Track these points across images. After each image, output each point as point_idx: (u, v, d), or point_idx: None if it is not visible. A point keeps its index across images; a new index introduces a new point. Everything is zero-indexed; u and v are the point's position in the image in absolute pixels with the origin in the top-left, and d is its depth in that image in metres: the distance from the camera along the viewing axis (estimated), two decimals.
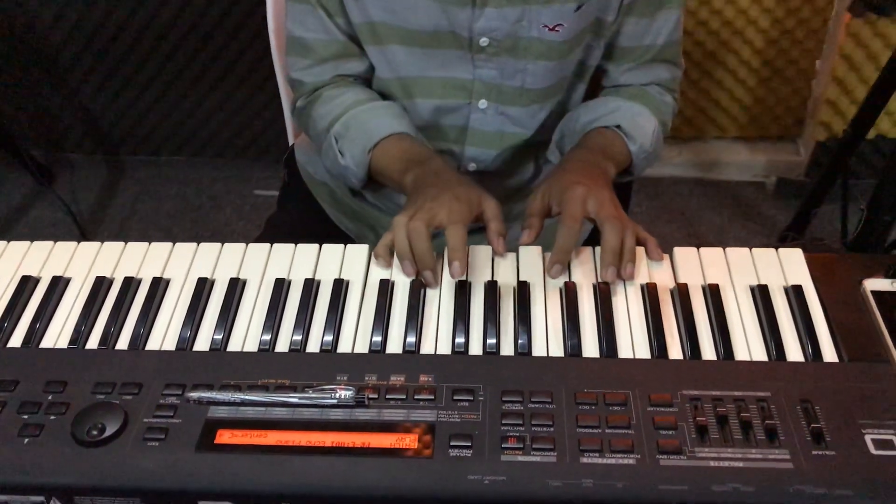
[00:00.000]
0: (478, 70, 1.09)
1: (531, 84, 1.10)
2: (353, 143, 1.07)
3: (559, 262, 0.90)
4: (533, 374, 0.78)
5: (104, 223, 2.41)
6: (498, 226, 0.94)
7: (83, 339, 0.86)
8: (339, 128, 1.08)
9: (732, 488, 0.68)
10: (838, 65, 2.17)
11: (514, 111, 1.13)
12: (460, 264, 0.89)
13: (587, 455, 0.71)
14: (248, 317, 0.88)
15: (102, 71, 2.37)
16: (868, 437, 0.72)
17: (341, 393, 0.76)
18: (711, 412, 0.74)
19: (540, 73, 1.09)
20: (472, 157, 1.17)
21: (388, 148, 1.05)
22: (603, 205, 0.92)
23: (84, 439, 0.74)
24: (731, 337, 0.83)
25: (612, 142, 1.09)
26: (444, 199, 0.92)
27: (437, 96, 1.12)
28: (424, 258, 0.89)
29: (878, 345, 0.81)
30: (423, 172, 0.99)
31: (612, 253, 0.89)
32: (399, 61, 1.10)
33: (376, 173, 1.08)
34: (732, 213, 2.37)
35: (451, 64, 1.09)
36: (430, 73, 1.10)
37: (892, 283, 0.86)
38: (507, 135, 1.16)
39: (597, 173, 1.00)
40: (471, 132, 1.15)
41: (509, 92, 1.11)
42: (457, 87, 1.11)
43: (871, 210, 1.65)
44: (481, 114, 1.13)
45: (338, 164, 1.09)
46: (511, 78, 1.09)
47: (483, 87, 1.11)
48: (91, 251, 0.96)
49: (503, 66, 1.08)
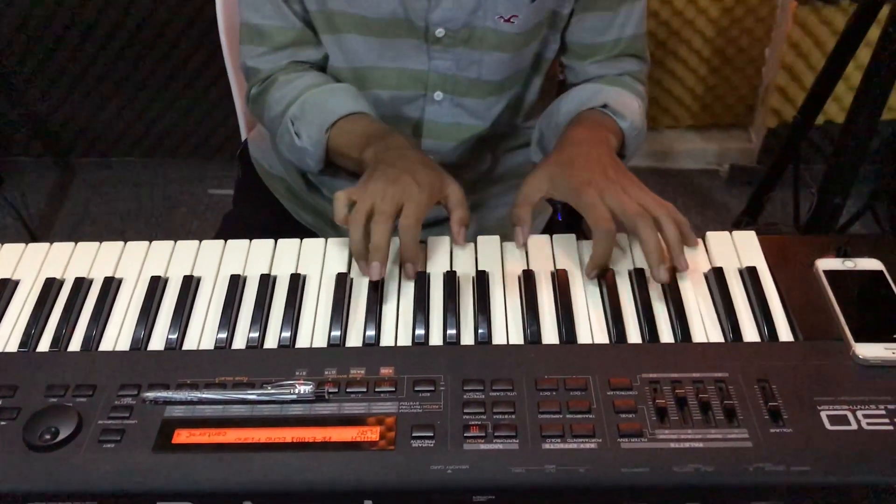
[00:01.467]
0: (433, 62, 1.08)
1: (487, 76, 1.10)
2: (310, 123, 1.05)
3: (598, 268, 0.87)
4: (494, 363, 0.78)
5: (55, 227, 2.37)
6: (462, 213, 0.91)
7: (34, 341, 0.84)
8: (296, 110, 1.07)
9: (693, 468, 0.69)
10: (786, 52, 2.20)
11: (470, 103, 1.13)
12: (413, 266, 0.88)
13: (549, 441, 0.71)
14: (204, 315, 0.86)
15: (49, 72, 2.32)
16: (823, 414, 0.73)
17: (300, 388, 0.75)
18: (671, 394, 0.74)
19: (495, 64, 1.09)
20: (429, 150, 1.16)
21: (346, 126, 1.03)
22: (621, 201, 0.87)
23: (37, 444, 0.72)
24: (689, 320, 0.83)
25: (603, 120, 1.05)
26: (405, 182, 0.89)
27: (392, 87, 1.11)
28: (379, 251, 0.85)
29: (832, 323, 0.82)
30: (385, 147, 0.96)
31: (657, 252, 0.84)
32: (354, 51, 1.09)
33: (334, 153, 1.06)
34: (687, 201, 2.40)
35: (407, 55, 1.08)
36: (385, 63, 1.09)
37: (844, 262, 0.87)
38: (464, 127, 1.15)
39: (603, 151, 0.95)
40: (427, 125, 1.15)
41: (465, 83, 1.11)
42: (412, 78, 1.10)
43: (822, 193, 1.68)
44: (437, 106, 1.13)
45: (294, 147, 1.07)
46: (466, 69, 1.09)
47: (438, 79, 1.10)
48: (40, 252, 0.94)
49: (459, 57, 1.08)
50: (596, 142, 0.97)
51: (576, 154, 0.94)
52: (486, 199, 1.25)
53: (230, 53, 1.34)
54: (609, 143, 0.99)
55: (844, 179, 1.64)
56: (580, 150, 0.95)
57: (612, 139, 1.01)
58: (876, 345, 0.78)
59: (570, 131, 1.01)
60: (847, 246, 0.89)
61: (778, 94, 2.29)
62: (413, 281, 0.88)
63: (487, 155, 1.23)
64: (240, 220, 1.30)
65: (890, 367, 0.77)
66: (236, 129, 1.48)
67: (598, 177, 0.90)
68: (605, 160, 0.93)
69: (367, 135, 1.01)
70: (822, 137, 2.34)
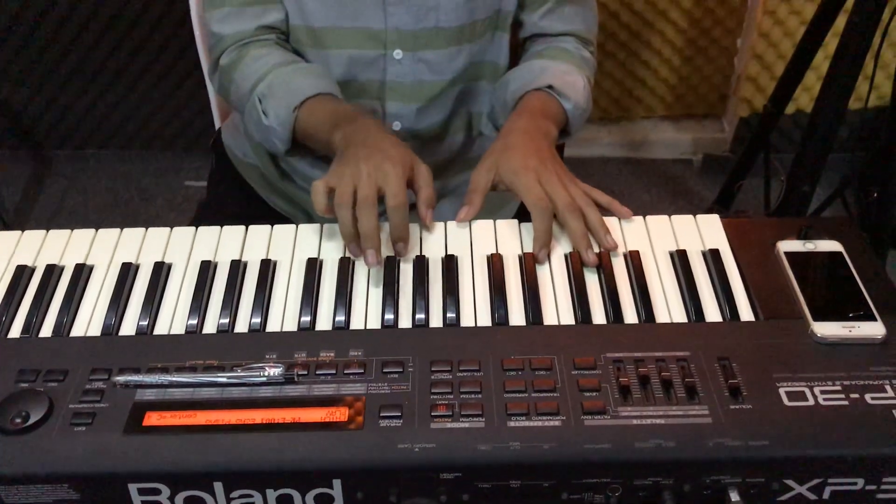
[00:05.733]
0: (390, 18, 1.10)
1: (445, 22, 1.11)
2: (277, 102, 1.06)
3: (545, 247, 0.91)
4: (461, 344, 0.80)
5: (30, 220, 2.35)
6: (429, 192, 0.94)
7: (4, 327, 0.84)
8: (263, 88, 1.07)
9: (655, 444, 0.71)
10: (758, 42, 2.22)
11: (430, 56, 1.13)
12: (404, 245, 0.90)
13: (514, 419, 0.72)
14: (175, 300, 0.87)
15: (22, 64, 2.30)
16: (782, 390, 0.75)
17: (270, 370, 0.76)
18: (634, 373, 0.76)
19: (451, 8, 1.10)
20: (395, 114, 1.17)
21: (314, 107, 1.04)
22: (554, 187, 0.94)
23: (7, 427, 0.73)
24: (652, 301, 0.85)
25: (547, 103, 1.10)
26: (377, 160, 0.91)
27: (351, 47, 1.12)
28: (372, 238, 0.87)
29: (792, 303, 0.84)
30: (354, 129, 0.98)
31: (583, 239, 0.91)
32: (311, 11, 1.10)
33: (302, 134, 1.06)
34: (661, 190, 2.42)
35: (363, 13, 1.09)
36: (341, 23, 1.10)
37: (805, 244, 0.89)
38: (426, 84, 1.16)
39: (542, 144, 1.01)
40: (389, 86, 1.16)
41: (424, 36, 1.11)
42: (370, 37, 1.11)
43: (791, 181, 1.70)
44: (398, 65, 1.14)
45: (261, 126, 1.08)
46: (424, 18, 1.10)
47: (397, 36, 1.11)
48: (11, 239, 0.94)
49: (416, 8, 1.09)
50: (536, 133, 1.03)
51: (518, 142, 1.01)
52: (458, 184, 1.26)
53: (203, 45, 1.34)
54: (549, 133, 1.05)
55: (813, 167, 1.67)
56: (521, 140, 1.01)
57: (553, 128, 1.07)
58: (833, 323, 0.80)
59: (514, 120, 1.07)
60: (808, 228, 0.91)
61: (749, 84, 2.31)
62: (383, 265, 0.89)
63: (460, 131, 1.24)
64: (214, 208, 1.31)
65: (846, 345, 0.79)
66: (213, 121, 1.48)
67: (536, 164, 0.96)
68: (544, 152, 0.99)
69: (336, 116, 1.02)
70: (793, 126, 2.37)
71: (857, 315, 0.81)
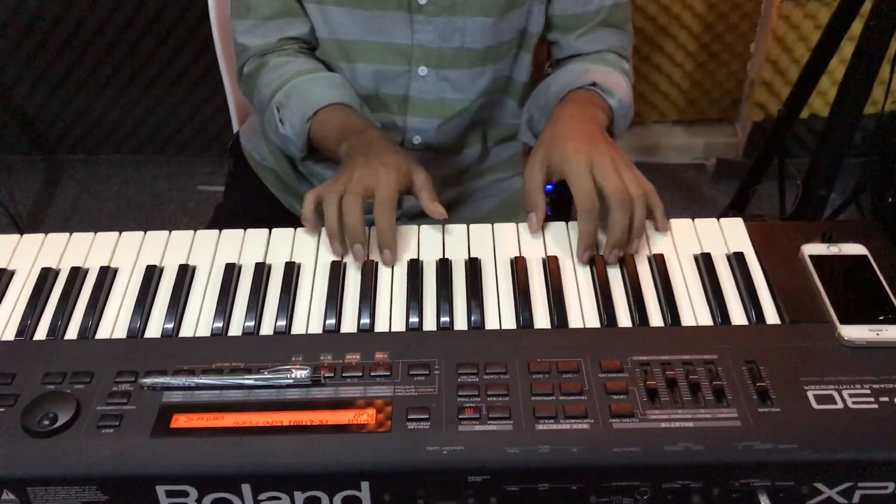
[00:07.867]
0: (416, 35, 1.10)
1: (470, 44, 1.11)
2: (292, 112, 1.07)
3: (589, 249, 0.89)
4: (486, 347, 0.80)
5: (45, 225, 2.36)
6: (429, 194, 0.94)
7: (30, 330, 0.84)
8: (281, 97, 1.09)
9: (684, 447, 0.70)
10: (772, 47, 2.22)
11: (454, 75, 1.14)
12: (391, 252, 0.89)
13: (542, 422, 0.72)
14: (200, 303, 0.87)
15: (37, 68, 2.31)
16: (810, 394, 0.74)
17: (297, 373, 0.76)
18: (661, 376, 0.76)
19: (478, 30, 1.10)
20: (416, 129, 1.18)
21: (326, 118, 1.06)
22: (608, 175, 0.89)
23: (35, 430, 0.73)
24: (678, 304, 0.85)
25: (592, 98, 1.07)
26: (373, 166, 0.92)
27: (377, 61, 1.12)
28: (356, 231, 0.88)
29: (817, 306, 0.84)
30: (358, 142, 0.99)
31: (621, 232, 0.88)
32: (338, 23, 1.10)
33: (316, 143, 1.08)
34: (674, 195, 2.42)
35: (390, 28, 1.10)
36: (368, 37, 1.11)
37: (829, 247, 0.89)
38: (448, 102, 1.16)
39: (593, 129, 0.97)
40: (412, 101, 1.16)
41: (449, 55, 1.12)
42: (396, 52, 1.12)
43: (807, 186, 1.69)
44: (421, 81, 1.14)
45: (278, 134, 1.10)
46: (450, 38, 1.10)
47: (422, 53, 1.11)
48: (35, 243, 0.95)
49: (442, 27, 1.09)
50: (587, 118, 1.00)
51: (568, 129, 0.96)
52: (475, 189, 1.26)
53: (222, 47, 1.35)
54: (599, 119, 1.02)
55: (828, 172, 1.66)
56: (572, 126, 0.97)
57: (602, 116, 1.04)
58: (861, 326, 0.80)
59: (561, 109, 1.03)
60: (832, 232, 0.91)
61: (763, 89, 2.31)
62: (407, 262, 0.90)
63: (477, 143, 1.24)
64: (232, 212, 1.31)
65: (874, 348, 0.79)
66: (226, 125, 1.48)
67: (589, 147, 0.92)
68: (597, 136, 0.96)
69: (345, 128, 1.03)
70: (807, 131, 2.36)
71: (884, 318, 0.81)
